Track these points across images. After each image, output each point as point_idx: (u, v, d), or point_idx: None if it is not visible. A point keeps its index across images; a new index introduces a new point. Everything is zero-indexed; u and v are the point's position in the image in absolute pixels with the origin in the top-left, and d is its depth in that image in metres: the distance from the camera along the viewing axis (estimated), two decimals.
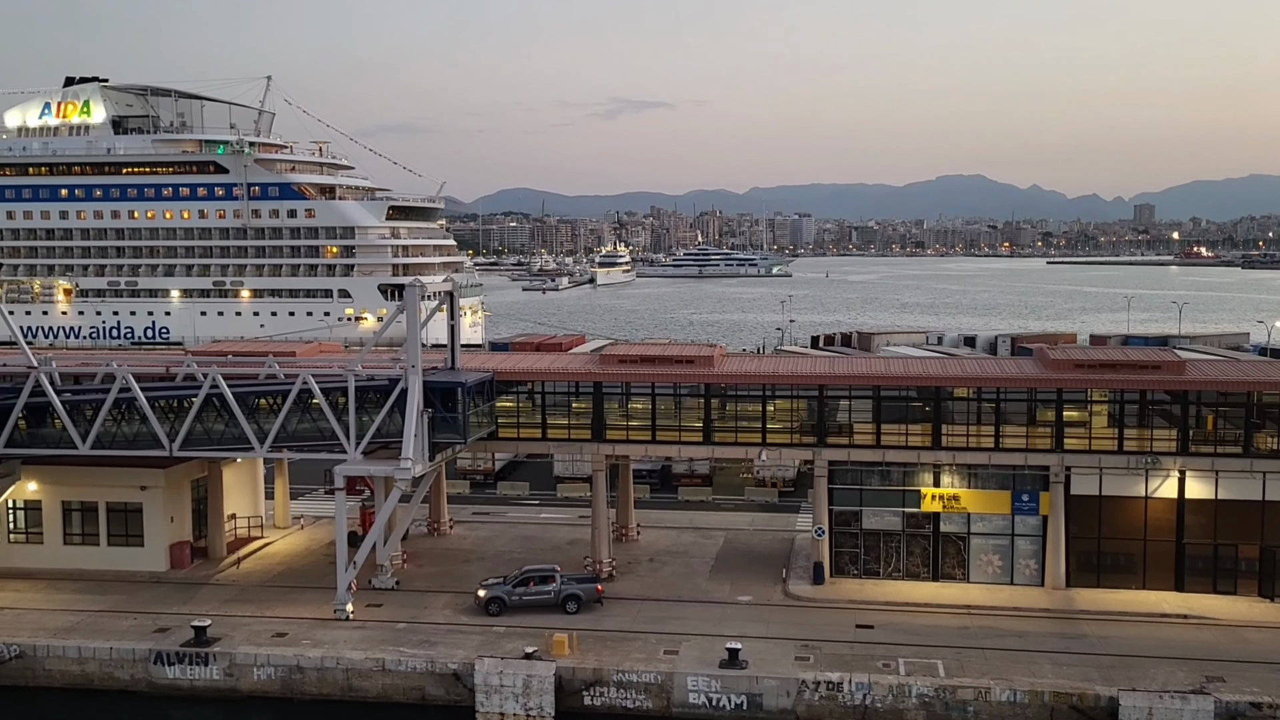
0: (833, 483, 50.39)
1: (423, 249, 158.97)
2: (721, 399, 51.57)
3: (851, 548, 50.85)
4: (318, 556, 55.94)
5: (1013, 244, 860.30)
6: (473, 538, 59.39)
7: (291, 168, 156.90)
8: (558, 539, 59.00)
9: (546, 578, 47.61)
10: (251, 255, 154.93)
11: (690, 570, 53.19)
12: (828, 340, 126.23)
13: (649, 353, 53.48)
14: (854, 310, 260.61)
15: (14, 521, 53.70)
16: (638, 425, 51.94)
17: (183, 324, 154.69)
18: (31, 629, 45.25)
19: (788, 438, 50.95)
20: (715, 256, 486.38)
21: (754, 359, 58.81)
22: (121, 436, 49.51)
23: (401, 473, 46.55)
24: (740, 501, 67.53)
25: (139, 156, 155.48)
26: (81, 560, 52.90)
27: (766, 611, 47.46)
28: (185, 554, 53.25)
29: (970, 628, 45.36)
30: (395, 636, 44.58)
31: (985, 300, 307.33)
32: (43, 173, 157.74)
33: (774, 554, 55.75)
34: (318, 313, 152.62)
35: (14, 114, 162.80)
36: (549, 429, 52.44)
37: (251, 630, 45.18)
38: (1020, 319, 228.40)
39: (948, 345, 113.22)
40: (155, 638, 44.46)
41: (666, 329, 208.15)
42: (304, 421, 48.80)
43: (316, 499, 67.85)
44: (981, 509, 49.63)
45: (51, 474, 52.55)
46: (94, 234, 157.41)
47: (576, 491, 69.25)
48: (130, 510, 52.70)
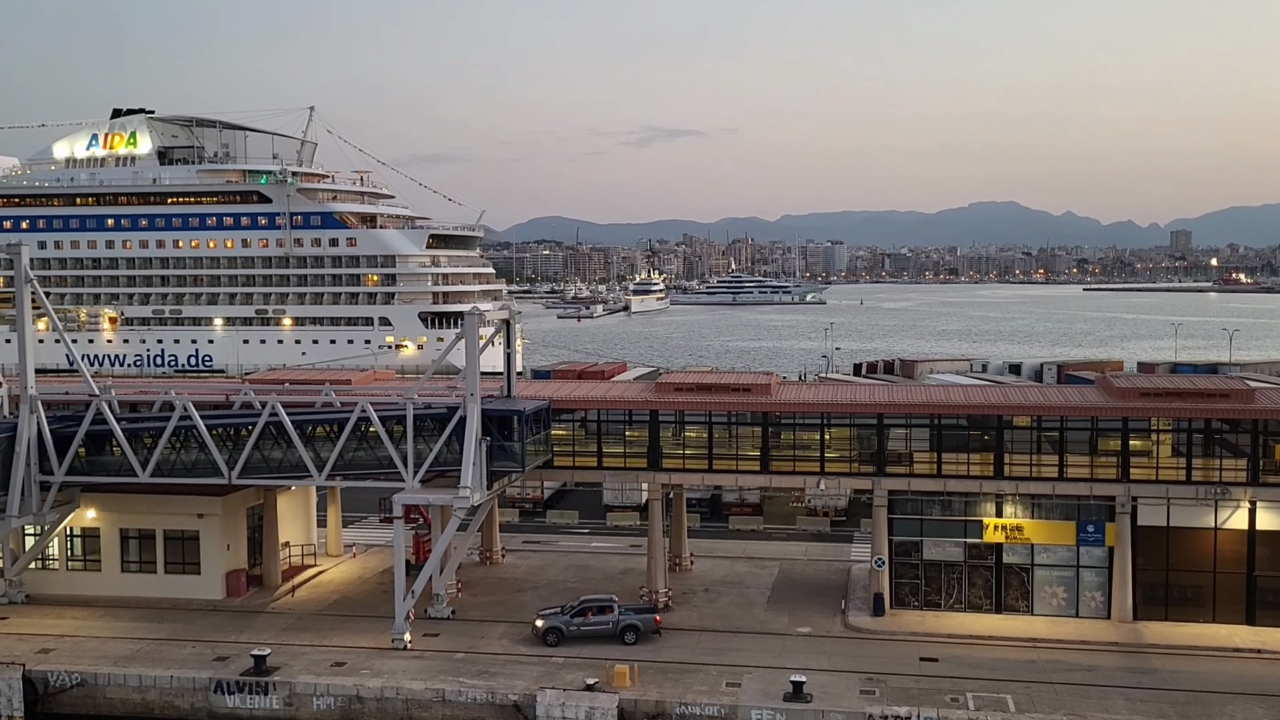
0: (892, 512, 49.74)
1: (462, 277, 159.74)
2: (778, 427, 51.11)
3: (912, 579, 50.10)
4: (371, 585, 55.82)
5: (1048, 271, 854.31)
6: (525, 567, 59.07)
7: (333, 197, 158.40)
8: (610, 568, 58.56)
9: (604, 608, 47.18)
10: (293, 284, 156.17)
11: (747, 601, 52.58)
12: (870, 368, 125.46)
13: (705, 380, 53.18)
14: (891, 338, 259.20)
15: (72, 549, 53.97)
16: (694, 454, 51.54)
17: (225, 352, 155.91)
18: (92, 657, 45.32)
19: (846, 467, 50.36)
20: (749, 284, 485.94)
21: (811, 387, 58.40)
22: (181, 464, 49.76)
23: (461, 501, 46.40)
24: (792, 531, 66.87)
25: (184, 186, 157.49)
26: (139, 588, 53.06)
27: (827, 643, 46.78)
28: (241, 582, 53.28)
29: (1038, 661, 44.46)
30: (454, 667, 44.27)
31: (1023, 327, 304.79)
32: (90, 203, 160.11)
33: (831, 585, 55.05)
34: (358, 341, 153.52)
35: (62, 145, 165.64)
36: (604, 457, 52.12)
37: (310, 659, 45.02)
38: (1061, 346, 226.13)
39: (992, 373, 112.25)
40: (215, 666, 44.39)
41: (703, 357, 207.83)
42: (361, 449, 48.84)
43: (366, 527, 67.84)
44: (1045, 540, 48.79)
45: (110, 501, 52.83)
46: (139, 263, 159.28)
47: (626, 520, 68.90)
48: (187, 538, 52.85)
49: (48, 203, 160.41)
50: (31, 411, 49.26)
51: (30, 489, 49.44)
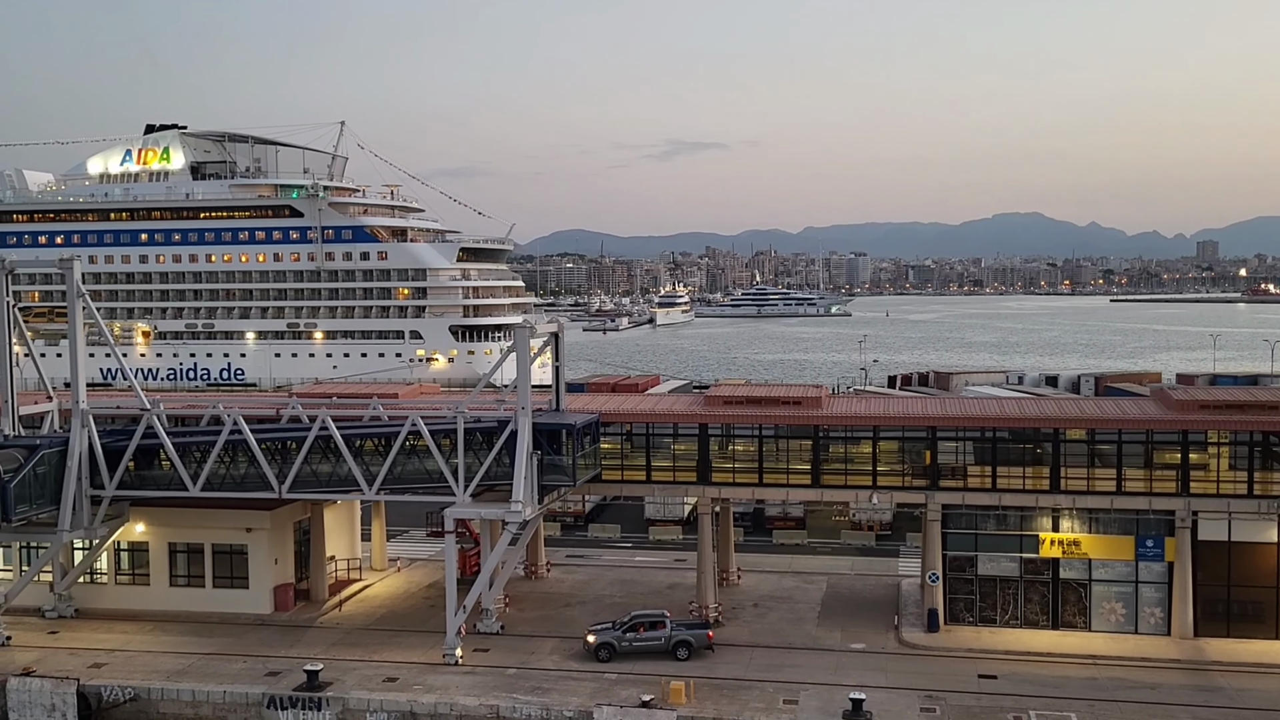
0: (946, 527, 49.12)
1: (492, 290, 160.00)
2: (828, 441, 50.60)
3: (967, 594, 49.43)
4: (418, 599, 55.59)
5: (1073, 282, 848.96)
6: (571, 581, 58.70)
7: (364, 211, 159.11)
8: (657, 583, 58.12)
9: (656, 623, 46.75)
10: (325, 297, 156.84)
11: (797, 616, 52.02)
12: (905, 380, 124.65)
13: (754, 394, 52.77)
14: (920, 350, 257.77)
15: (121, 563, 54.02)
16: (743, 467, 51.10)
17: (258, 365, 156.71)
18: (145, 671, 45.25)
19: (899, 480, 49.79)
20: (774, 296, 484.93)
21: (862, 400, 57.83)
22: (230, 478, 49.70)
23: (513, 515, 46.13)
24: (837, 545, 66.21)
25: (216, 201, 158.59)
26: (187, 602, 53.01)
27: (882, 660, 46.17)
28: (289, 596, 53.15)
29: (1098, 679, 43.69)
30: (507, 682, 43.92)
31: (1052, 339, 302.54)
32: (124, 218, 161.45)
33: (881, 600, 54.41)
34: (389, 354, 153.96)
35: (96, 161, 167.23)
36: (653, 471, 51.74)
37: (362, 674, 44.78)
38: (1094, 358, 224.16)
39: (1029, 385, 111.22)
40: (267, 681, 44.21)
41: (733, 369, 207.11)
42: (410, 463, 48.66)
43: (407, 540, 67.63)
44: (1103, 555, 48.05)
45: (158, 515, 52.84)
46: (172, 277, 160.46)
47: (669, 534, 68.49)
48: (235, 552, 52.79)
49: (82, 218, 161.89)
50: (83, 426, 49.34)
51: (81, 503, 49.48)
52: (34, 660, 46.36)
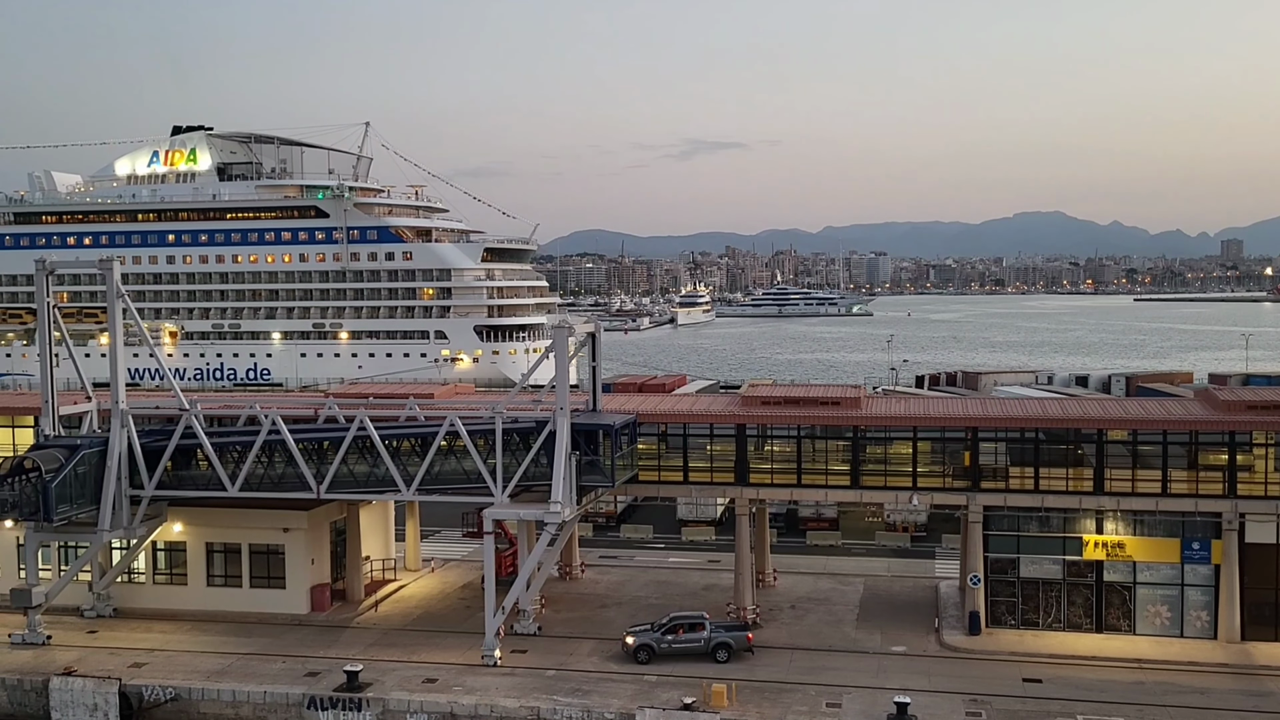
0: (988, 529, 48.61)
1: (517, 290, 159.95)
2: (866, 441, 50.17)
3: (1009, 597, 48.91)
4: (453, 600, 55.50)
5: (1096, 281, 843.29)
6: (605, 582, 58.48)
7: (389, 211, 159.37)
8: (692, 584, 57.84)
9: (695, 625, 46.46)
10: (350, 297, 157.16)
11: (836, 618, 51.63)
12: (933, 380, 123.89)
13: (792, 394, 52.43)
14: (943, 350, 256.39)
15: (159, 562, 54.12)
16: (781, 468, 50.75)
17: (284, 365, 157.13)
18: (185, 671, 45.29)
19: (939, 482, 49.34)
20: (794, 296, 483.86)
21: (901, 400, 57.38)
22: (268, 478, 49.69)
23: (552, 516, 45.93)
24: (871, 546, 65.74)
25: (243, 202, 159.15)
26: (224, 602, 53.06)
27: (924, 663, 45.75)
28: (325, 596, 53.13)
29: (1145, 683, 43.14)
30: (546, 684, 43.73)
31: (1076, 338, 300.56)
32: (151, 219, 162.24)
33: (919, 602, 53.96)
34: (414, 354, 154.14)
35: (124, 162, 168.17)
36: (690, 472, 51.45)
37: (401, 675, 44.67)
38: (1121, 358, 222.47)
39: (1059, 385, 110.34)
40: (307, 682, 44.16)
41: (754, 369, 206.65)
42: (448, 464, 48.54)
43: (439, 541, 67.53)
44: (1148, 557, 47.45)
45: (196, 515, 52.90)
46: (199, 278, 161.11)
47: (701, 535, 68.18)
48: (273, 552, 52.79)
49: (110, 219, 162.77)
50: (122, 426, 49.45)
51: (121, 503, 49.59)
52: (75, 660, 46.48)
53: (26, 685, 44.50)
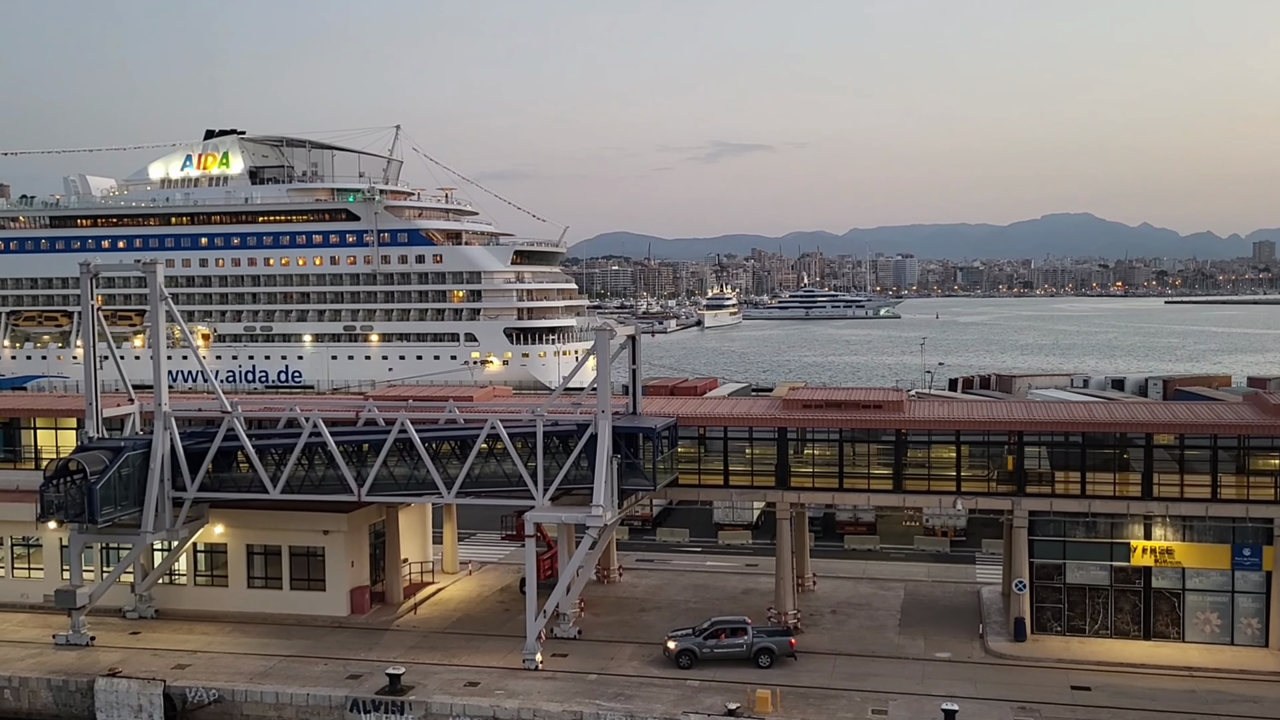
0: (1033, 534, 48.01)
1: (546, 293, 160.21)
2: (908, 445, 49.67)
3: (1055, 603, 48.30)
4: (491, 603, 55.40)
5: (1126, 284, 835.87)
6: (643, 586, 58.22)
7: (419, 214, 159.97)
8: (730, 588, 57.49)
9: (737, 630, 46.12)
10: (380, 300, 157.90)
11: (877, 623, 51.15)
12: (966, 383, 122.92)
13: (834, 397, 51.98)
14: (973, 353, 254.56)
15: (199, 564, 54.32)
16: (823, 472, 50.35)
17: (315, 368, 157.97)
18: (228, 673, 45.37)
19: (984, 486, 48.78)
20: (821, 298, 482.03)
21: (944, 403, 56.86)
22: (309, 481, 49.75)
23: (594, 520, 45.71)
24: (910, 551, 65.18)
25: (275, 205, 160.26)
26: (264, 604, 53.17)
27: (969, 669, 45.22)
28: (365, 599, 53.14)
29: (1197, 692, 42.46)
30: (588, 688, 43.52)
31: (1108, 341, 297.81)
32: (184, 222, 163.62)
33: (962, 607, 53.40)
34: (444, 356, 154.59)
35: (157, 166, 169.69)
36: (730, 475, 51.14)
37: (443, 679, 44.58)
38: (1154, 361, 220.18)
39: (1094, 388, 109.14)
40: (349, 684, 44.13)
41: (783, 372, 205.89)
42: (488, 466, 48.44)
43: (475, 544, 67.46)
44: (1198, 563, 46.71)
45: (237, 517, 53.05)
46: (231, 280, 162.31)
47: (738, 539, 67.80)
48: (313, 555, 52.86)
49: (144, 222, 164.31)
50: (165, 428, 49.66)
51: (164, 505, 49.80)
52: (118, 661, 46.69)
53: (72, 686, 44.71)
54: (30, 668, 46.28)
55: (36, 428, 57.76)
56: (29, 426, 58.10)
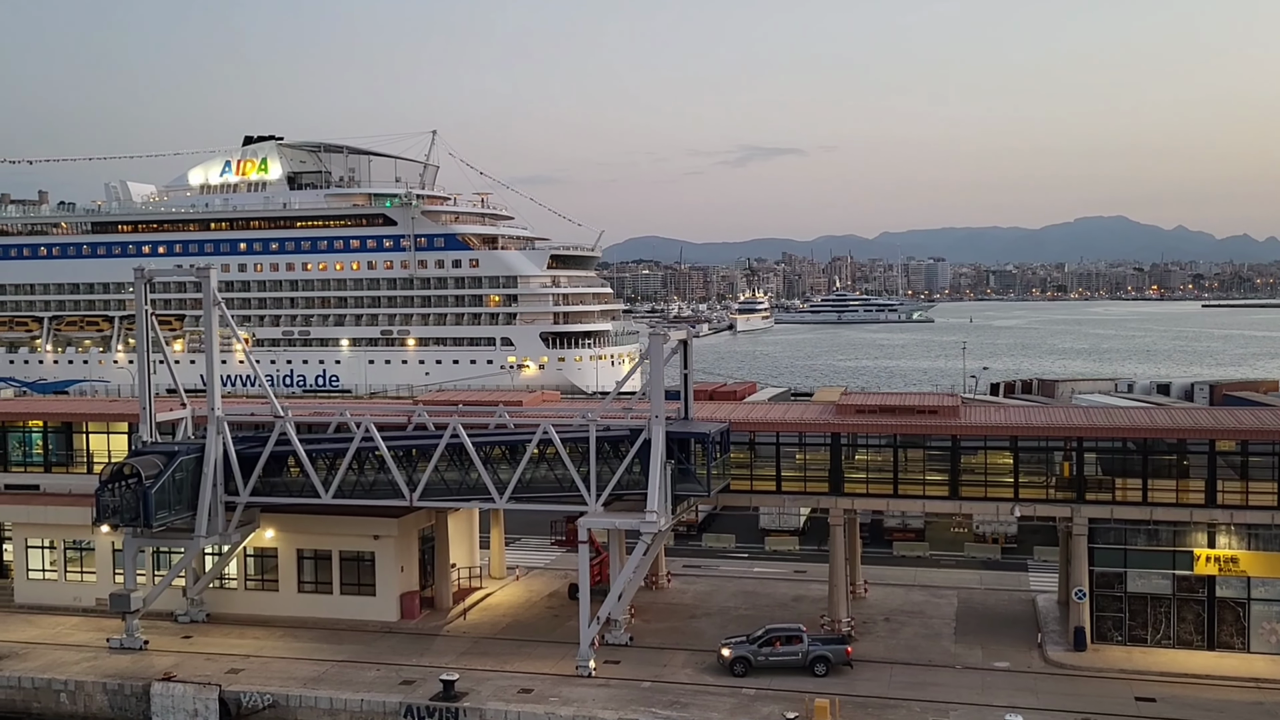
0: (1093, 541, 47.21)
1: (582, 297, 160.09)
2: (962, 451, 48.99)
3: (1115, 612, 47.47)
4: (540, 609, 55.16)
5: (1161, 287, 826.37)
6: (692, 592, 57.80)
7: (455, 218, 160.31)
8: (780, 595, 56.95)
9: (793, 637, 45.61)
10: (417, 305, 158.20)
11: (932, 632, 50.47)
12: (1008, 388, 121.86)
13: (888, 403, 51.38)
14: (1010, 357, 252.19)
15: (250, 569, 54.41)
16: (877, 478, 49.77)
17: (352, 372, 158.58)
18: (281, 678, 45.34)
19: (1042, 493, 48.03)
20: (854, 302, 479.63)
21: (1001, 409, 56.11)
22: (361, 485, 49.70)
23: (648, 525, 45.38)
24: (960, 558, 64.35)
25: (312, 210, 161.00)
26: (315, 608, 53.17)
27: (1030, 679, 44.47)
28: (415, 604, 53.03)
29: (1264, 703, 41.57)
30: (643, 696, 43.14)
31: (1146, 345, 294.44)
32: (223, 227, 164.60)
33: (1017, 616, 52.60)
34: (481, 361, 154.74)
35: (197, 172, 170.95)
36: (783, 481, 50.66)
37: (496, 685, 44.36)
38: (1195, 365, 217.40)
39: (1139, 393, 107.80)
40: (402, 690, 43.99)
41: (818, 376, 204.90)
42: (540, 471, 48.21)
43: (520, 549, 67.28)
44: (1264, 572, 45.77)
45: (287, 522, 53.09)
46: (270, 285, 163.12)
47: (785, 545, 67.21)
48: (363, 559, 52.81)
49: (184, 228, 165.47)
50: (218, 432, 49.79)
51: (217, 509, 49.92)
52: (172, 665, 46.81)
53: (127, 690, 44.85)
54: (86, 671, 46.48)
55: (89, 432, 58.18)
56: (81, 430, 58.53)
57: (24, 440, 59.39)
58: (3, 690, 46.06)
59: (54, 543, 55.61)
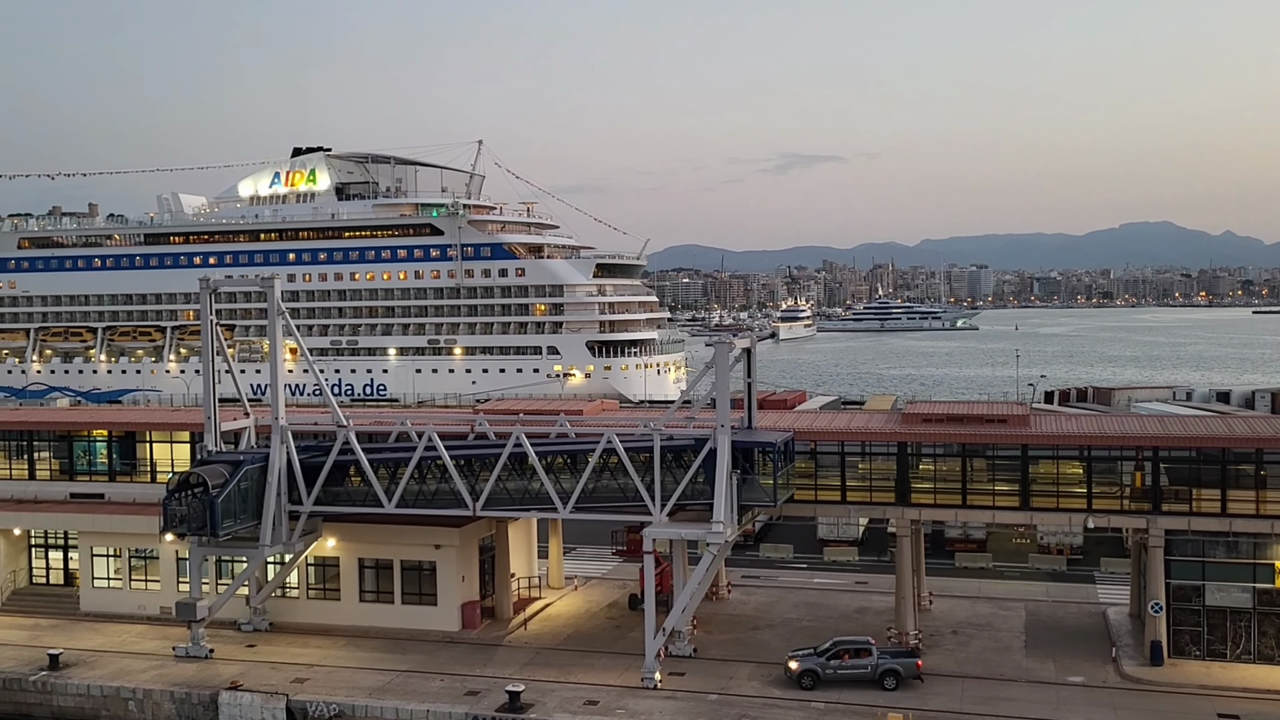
0: (1170, 554, 46.07)
1: (628, 306, 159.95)
2: (1033, 460, 48.05)
3: (1193, 626, 46.28)
4: (601, 619, 54.78)
5: (1209, 293, 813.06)
6: (753, 603, 57.17)
7: (502, 228, 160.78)
8: (843, 606, 56.19)
9: (862, 650, 44.89)
10: (464, 314, 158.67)
11: (1002, 645, 49.51)
12: (1063, 396, 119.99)
13: (955, 411, 50.58)
14: (1060, 365, 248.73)
15: (312, 578, 54.48)
16: (945, 488, 48.94)
17: (399, 381, 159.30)
18: (347, 688, 45.28)
19: (1116, 504, 46.98)
20: (896, 310, 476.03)
21: (1072, 418, 55.06)
22: (423, 495, 49.62)
23: (714, 536, 44.90)
24: (1024, 569, 63.18)
25: (360, 220, 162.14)
26: (376, 618, 53.12)
27: (1106, 694, 43.45)
28: (476, 614, 52.84)
29: None
30: (711, 709, 42.61)
31: (1198, 353, 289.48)
32: (273, 238, 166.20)
33: (1088, 629, 51.50)
34: (527, 370, 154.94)
35: (247, 183, 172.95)
36: (848, 490, 49.97)
37: (561, 696, 44.01)
38: (1250, 373, 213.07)
39: (1198, 401, 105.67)
40: (467, 701, 43.77)
41: (864, 384, 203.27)
42: (603, 481, 47.86)
43: (576, 558, 66.92)
44: None
45: (349, 531, 53.13)
46: (318, 295, 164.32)
47: (844, 555, 66.40)
48: (424, 569, 52.71)
49: (234, 238, 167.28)
50: (282, 442, 49.93)
51: (281, 519, 50.03)
52: (238, 674, 46.87)
53: (194, 699, 44.98)
54: (153, 679, 46.70)
55: (152, 441, 58.62)
56: (145, 440, 59.00)
57: (89, 449, 60.00)
58: (72, 698, 46.43)
59: (119, 551, 56.05)
